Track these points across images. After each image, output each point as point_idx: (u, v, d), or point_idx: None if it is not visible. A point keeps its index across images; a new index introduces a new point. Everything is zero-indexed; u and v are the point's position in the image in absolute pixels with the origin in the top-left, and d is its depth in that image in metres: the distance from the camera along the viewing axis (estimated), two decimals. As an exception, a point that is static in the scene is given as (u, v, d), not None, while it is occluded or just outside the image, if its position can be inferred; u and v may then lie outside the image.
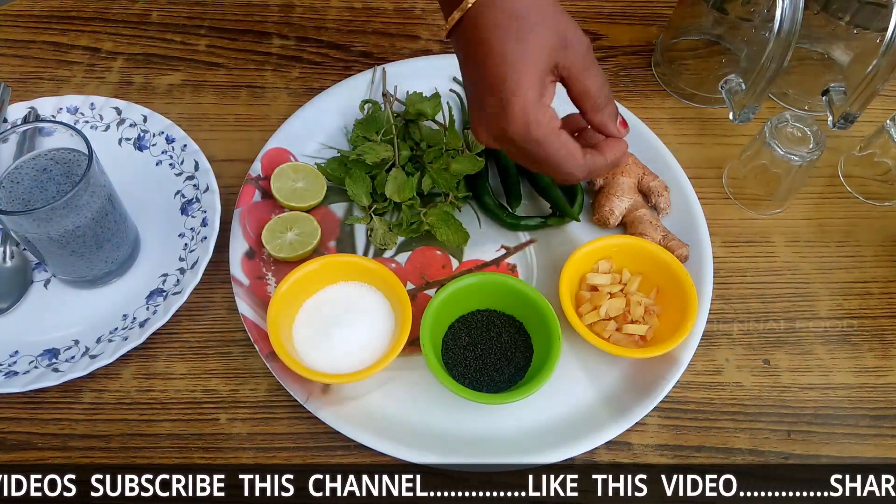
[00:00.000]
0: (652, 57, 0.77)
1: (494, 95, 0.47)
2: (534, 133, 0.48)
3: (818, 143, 0.62)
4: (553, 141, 0.49)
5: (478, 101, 0.50)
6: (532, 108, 0.47)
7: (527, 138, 0.48)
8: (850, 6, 0.64)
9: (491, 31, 0.47)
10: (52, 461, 0.54)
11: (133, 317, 0.58)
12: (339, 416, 0.54)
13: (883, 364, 0.60)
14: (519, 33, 0.46)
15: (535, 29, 0.46)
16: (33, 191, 0.53)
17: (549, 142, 0.49)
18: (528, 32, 0.46)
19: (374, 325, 0.56)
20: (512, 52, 0.46)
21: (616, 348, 0.56)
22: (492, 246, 0.63)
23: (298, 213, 0.62)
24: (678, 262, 0.58)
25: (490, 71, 0.47)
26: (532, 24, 0.46)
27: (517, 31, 0.46)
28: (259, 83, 0.74)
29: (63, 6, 0.79)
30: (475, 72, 0.49)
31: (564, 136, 0.50)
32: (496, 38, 0.46)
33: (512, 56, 0.46)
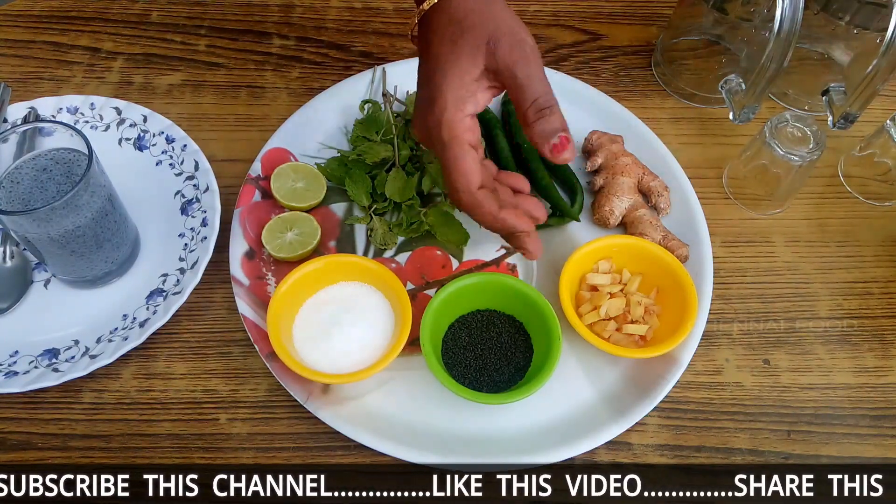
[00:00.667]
0: (652, 57, 0.77)
1: (424, 92, 0.49)
2: (443, 133, 0.48)
3: (818, 143, 0.62)
4: (454, 147, 0.49)
5: (418, 97, 0.52)
6: (449, 108, 0.48)
7: (437, 137, 0.49)
8: (850, 6, 0.64)
9: (433, 34, 0.49)
10: (52, 461, 0.54)
11: (133, 317, 0.58)
12: (339, 416, 0.54)
13: (883, 364, 0.60)
14: (452, 37, 0.48)
15: (465, 34, 0.48)
16: (33, 191, 0.53)
17: (451, 146, 0.49)
18: (458, 36, 0.48)
19: (374, 325, 0.56)
20: (444, 54, 0.48)
21: (616, 348, 0.56)
22: (492, 246, 0.63)
23: (298, 213, 0.62)
24: (678, 262, 0.58)
25: (425, 70, 0.50)
26: (465, 28, 0.48)
27: (451, 35, 0.48)
28: (259, 83, 0.74)
29: (63, 6, 0.79)
30: (420, 71, 0.52)
31: (470, 153, 0.49)
32: (435, 40, 0.49)
33: (443, 58, 0.48)
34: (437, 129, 0.48)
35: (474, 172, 0.49)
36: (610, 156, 0.66)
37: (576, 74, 0.73)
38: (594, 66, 0.77)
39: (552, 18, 0.81)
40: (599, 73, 0.76)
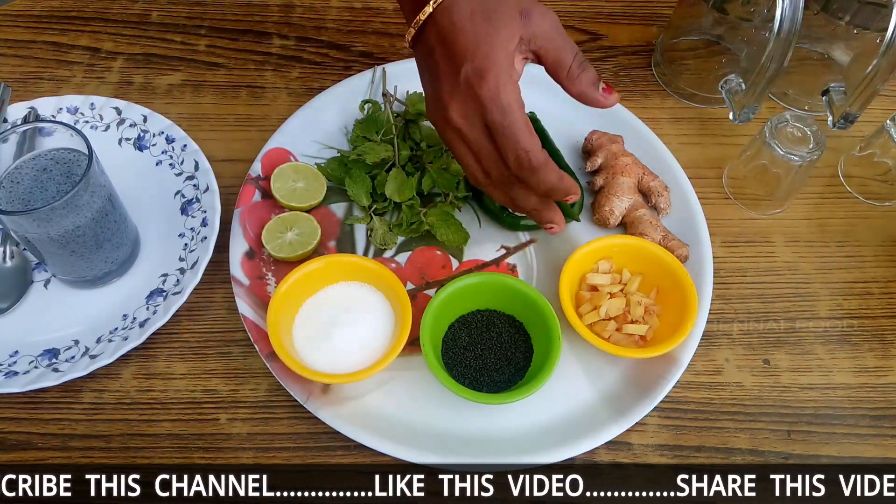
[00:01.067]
0: (652, 57, 0.77)
1: (469, 64, 0.50)
2: (503, 99, 0.50)
3: (818, 143, 0.62)
4: (518, 111, 0.50)
5: (448, 79, 0.51)
6: (503, 75, 0.50)
7: (495, 102, 0.50)
8: (850, 6, 0.64)
9: (462, 17, 0.50)
10: (52, 461, 0.54)
11: (133, 317, 0.58)
12: (339, 416, 0.54)
13: (883, 364, 0.60)
14: (484, 15, 0.50)
15: (498, 9, 0.51)
16: (33, 191, 0.53)
17: (514, 110, 0.50)
18: (491, 13, 0.50)
19: (374, 325, 0.56)
20: (482, 30, 0.50)
21: (616, 348, 0.56)
22: (492, 246, 0.63)
23: (298, 213, 0.62)
24: (678, 262, 0.58)
25: (463, 48, 0.50)
26: (493, 6, 0.51)
27: (482, 13, 0.50)
28: (259, 83, 0.74)
29: (63, 6, 0.79)
30: (446, 55, 0.51)
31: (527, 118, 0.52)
32: (467, 20, 0.50)
33: (483, 33, 0.50)
34: (495, 98, 0.49)
35: (535, 134, 0.51)
36: (610, 156, 0.66)
37: (576, 74, 0.73)
38: (594, 66, 0.76)
39: (552, 18, 0.81)
40: (599, 73, 0.76)
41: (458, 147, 0.53)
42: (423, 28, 0.53)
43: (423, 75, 0.55)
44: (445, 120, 0.52)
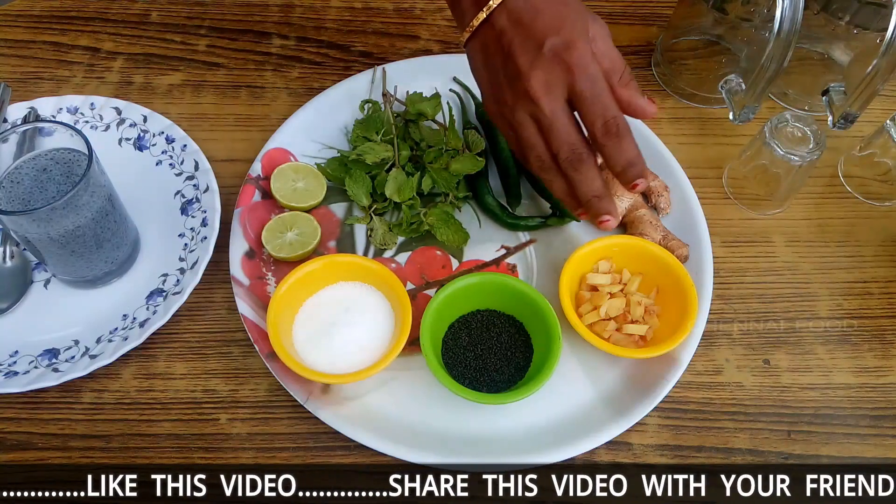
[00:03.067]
0: (652, 57, 0.77)
1: (556, 37, 0.50)
2: (592, 67, 0.50)
3: (818, 143, 0.62)
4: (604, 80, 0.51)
5: (528, 54, 0.51)
6: (589, 47, 0.51)
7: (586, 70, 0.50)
8: (850, 6, 0.64)
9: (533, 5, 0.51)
10: (52, 461, 0.54)
11: (133, 317, 0.58)
12: (339, 416, 0.54)
13: (883, 364, 0.60)
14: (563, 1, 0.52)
15: (571, 1, 0.52)
16: (33, 191, 0.53)
17: (601, 78, 0.51)
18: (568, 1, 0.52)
19: (374, 325, 0.56)
20: (562, 11, 0.51)
21: (616, 348, 0.56)
22: (492, 246, 0.63)
23: (298, 213, 0.62)
24: (678, 262, 0.58)
25: (545, 24, 0.51)
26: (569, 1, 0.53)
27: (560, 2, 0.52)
28: (259, 83, 0.74)
29: (63, 6, 0.79)
30: (524, 34, 0.51)
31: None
32: (544, 2, 0.51)
33: (564, 14, 0.51)
34: (586, 66, 0.50)
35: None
36: (610, 156, 0.65)
37: (576, 74, 0.73)
38: (594, 66, 0.77)
39: (552, 18, 0.81)
40: (599, 73, 0.76)
41: (525, 125, 0.52)
42: (490, 16, 0.53)
43: (487, 64, 0.54)
44: (520, 94, 0.51)
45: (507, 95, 0.53)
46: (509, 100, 0.53)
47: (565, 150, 0.52)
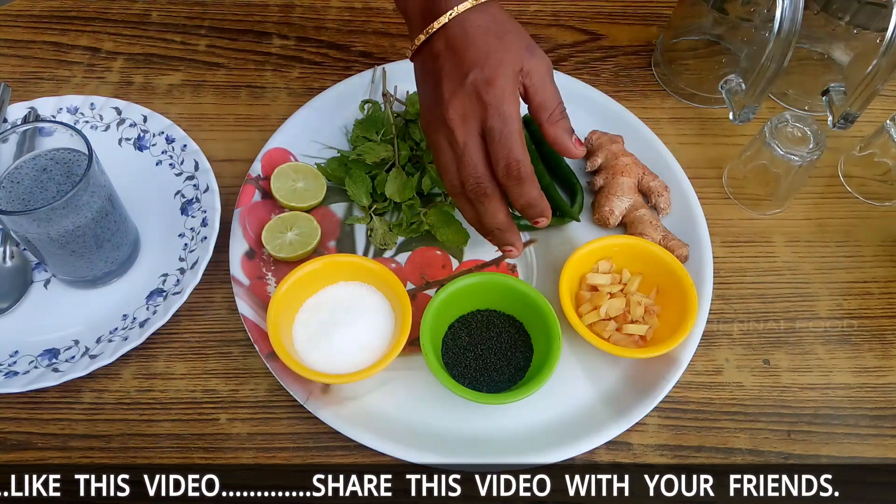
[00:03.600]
0: (652, 57, 0.77)
1: (479, 71, 0.51)
2: (507, 107, 0.51)
3: (818, 143, 0.62)
4: (516, 121, 0.52)
5: (452, 82, 0.52)
6: (509, 86, 0.52)
7: (499, 109, 0.51)
8: (850, 6, 0.64)
9: (475, 31, 0.53)
10: (52, 461, 0.54)
11: (133, 317, 0.58)
12: (339, 416, 0.54)
13: (883, 364, 0.60)
14: (497, 34, 0.53)
15: (508, 34, 0.53)
16: (33, 191, 0.53)
17: (514, 120, 0.52)
18: (504, 34, 0.53)
19: (374, 325, 0.56)
20: (493, 46, 0.52)
21: (616, 348, 0.56)
22: (492, 246, 0.63)
23: (298, 213, 0.62)
24: (678, 262, 0.58)
25: (473, 56, 0.52)
26: (507, 30, 0.53)
27: (495, 32, 0.53)
28: (259, 83, 0.74)
29: (63, 6, 0.79)
30: (454, 61, 0.53)
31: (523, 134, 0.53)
32: (480, 34, 0.53)
33: (494, 48, 0.52)
34: (500, 105, 0.51)
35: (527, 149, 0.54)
36: (610, 156, 0.66)
37: (576, 74, 0.73)
38: (594, 66, 0.77)
39: (552, 18, 0.81)
40: (599, 73, 0.76)
41: (443, 149, 0.54)
42: (430, 38, 0.54)
43: (424, 82, 0.56)
44: (440, 119, 0.53)
45: (431, 116, 0.54)
46: (432, 121, 0.54)
47: (471, 183, 0.53)
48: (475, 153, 0.53)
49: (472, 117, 0.52)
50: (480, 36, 0.52)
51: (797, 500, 0.54)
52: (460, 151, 0.53)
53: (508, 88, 0.51)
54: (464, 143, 0.52)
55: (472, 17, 0.53)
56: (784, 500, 0.54)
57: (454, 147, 0.53)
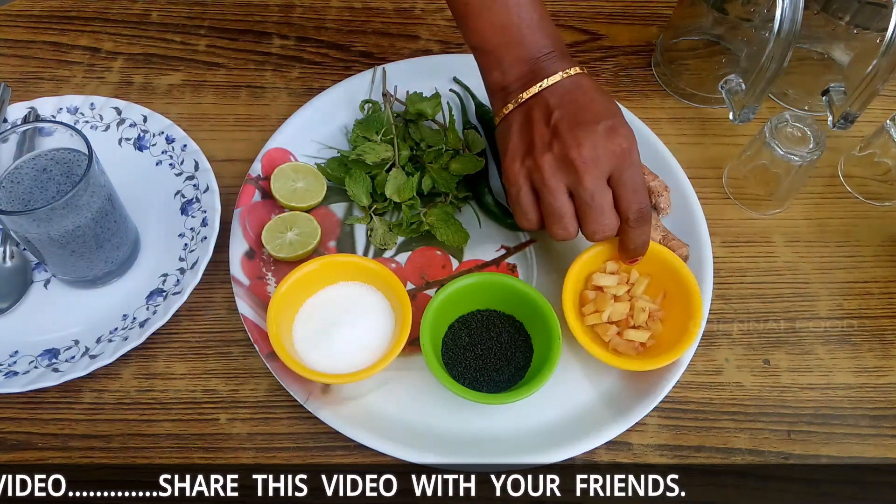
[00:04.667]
0: (652, 57, 0.77)
1: (607, 121, 0.52)
2: (635, 155, 0.52)
3: (818, 143, 0.62)
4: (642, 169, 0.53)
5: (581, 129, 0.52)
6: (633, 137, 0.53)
7: (631, 157, 0.52)
8: (850, 6, 0.64)
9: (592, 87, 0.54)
10: (52, 461, 0.54)
11: (133, 317, 0.58)
12: (339, 416, 0.54)
13: (883, 364, 0.60)
14: (608, 96, 0.55)
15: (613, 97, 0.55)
16: (33, 191, 0.53)
17: (640, 169, 0.53)
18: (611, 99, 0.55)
19: (374, 325, 0.56)
20: (610, 103, 0.54)
21: (617, 359, 0.55)
22: (492, 246, 0.63)
23: (298, 213, 0.62)
24: (683, 263, 0.58)
25: (598, 108, 0.53)
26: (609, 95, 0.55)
27: (607, 94, 0.55)
28: (259, 83, 0.74)
29: (63, 6, 0.79)
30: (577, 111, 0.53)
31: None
32: (598, 93, 0.54)
33: (612, 104, 0.54)
34: (629, 148, 0.52)
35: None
36: (610, 156, 0.65)
37: (576, 74, 0.73)
38: (594, 66, 0.77)
39: (552, 18, 0.80)
40: (599, 73, 0.76)
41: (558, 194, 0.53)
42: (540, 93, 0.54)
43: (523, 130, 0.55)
44: (565, 163, 0.52)
45: (544, 161, 0.52)
46: (545, 165, 0.52)
47: (597, 233, 0.53)
48: (606, 201, 0.52)
49: (604, 164, 0.51)
50: (598, 95, 0.54)
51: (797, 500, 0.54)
52: (588, 199, 0.52)
53: (634, 140, 0.52)
54: (593, 190, 0.52)
55: (584, 80, 0.54)
56: (784, 500, 0.54)
57: (580, 193, 0.52)
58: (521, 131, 0.54)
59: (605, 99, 0.54)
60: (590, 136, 0.51)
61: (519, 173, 0.54)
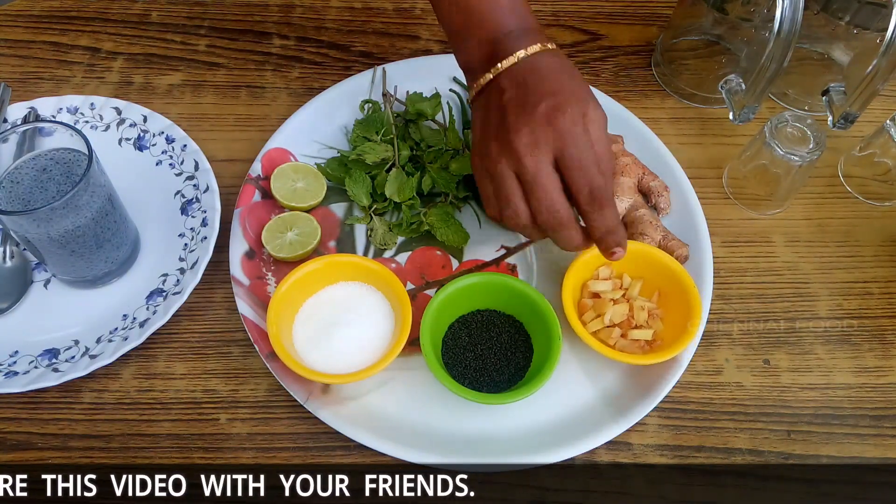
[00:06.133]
0: (652, 57, 0.77)
1: (550, 99, 0.50)
2: (582, 135, 0.50)
3: (818, 143, 0.62)
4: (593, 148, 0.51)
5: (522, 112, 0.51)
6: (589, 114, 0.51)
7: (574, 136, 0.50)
8: (850, 6, 0.64)
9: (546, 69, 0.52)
10: (52, 461, 0.54)
11: (133, 317, 0.58)
12: (339, 416, 0.54)
13: (883, 364, 0.60)
14: (569, 74, 0.53)
15: (577, 77, 0.53)
16: (33, 191, 0.53)
17: (591, 145, 0.50)
18: (574, 76, 0.53)
19: (374, 325, 0.56)
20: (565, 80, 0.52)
21: (625, 355, 0.55)
22: (492, 246, 0.63)
23: (298, 213, 0.62)
24: (677, 263, 0.58)
25: (545, 88, 0.51)
26: (575, 74, 0.54)
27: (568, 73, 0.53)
28: (259, 83, 0.74)
29: (63, 6, 0.79)
30: (523, 95, 0.51)
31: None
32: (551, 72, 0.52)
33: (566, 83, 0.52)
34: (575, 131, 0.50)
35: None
36: (610, 156, 0.66)
37: (576, 74, 0.73)
38: (594, 66, 0.77)
39: (552, 18, 0.81)
40: (599, 73, 0.76)
41: (506, 180, 0.51)
42: (497, 77, 0.53)
43: (485, 118, 0.54)
44: (507, 149, 0.51)
45: (492, 148, 0.52)
46: (494, 152, 0.52)
47: (544, 214, 0.51)
48: (549, 181, 0.50)
49: (543, 145, 0.50)
50: (552, 73, 0.52)
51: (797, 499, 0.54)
52: (530, 180, 0.50)
53: (581, 119, 0.50)
54: (535, 172, 0.50)
55: (542, 58, 0.53)
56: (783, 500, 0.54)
57: (523, 176, 0.51)
58: (481, 119, 0.54)
59: (559, 77, 0.52)
60: (529, 119, 0.50)
61: (477, 165, 0.54)
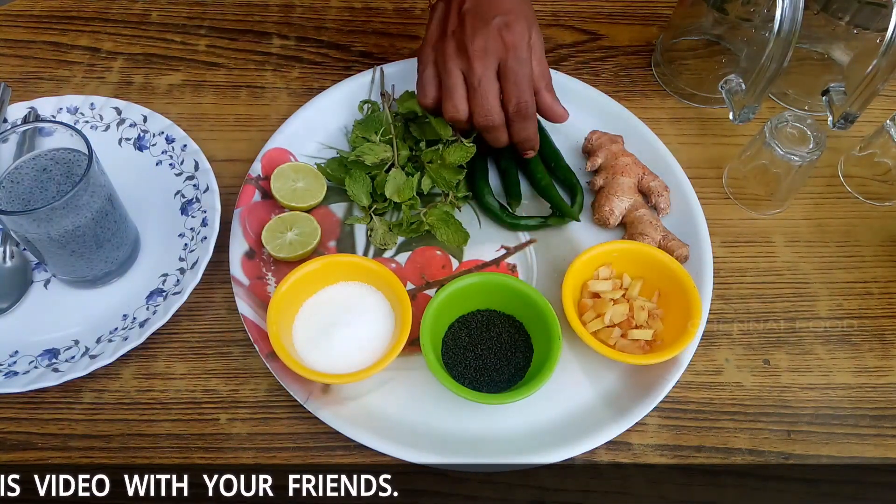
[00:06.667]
0: (652, 57, 0.77)
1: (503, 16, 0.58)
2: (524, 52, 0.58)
3: (818, 143, 0.62)
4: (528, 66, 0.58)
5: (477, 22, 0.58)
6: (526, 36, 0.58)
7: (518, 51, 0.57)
8: (850, 6, 0.64)
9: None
10: (52, 461, 0.54)
11: (133, 317, 0.58)
12: (339, 416, 0.54)
13: (883, 364, 0.60)
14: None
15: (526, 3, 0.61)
16: (33, 191, 0.53)
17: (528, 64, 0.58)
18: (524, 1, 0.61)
19: (374, 325, 0.56)
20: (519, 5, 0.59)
21: (625, 356, 0.55)
22: (492, 246, 0.63)
23: (298, 213, 0.62)
24: (677, 263, 0.58)
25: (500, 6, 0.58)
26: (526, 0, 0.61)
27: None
28: (259, 83, 0.74)
29: (63, 6, 0.79)
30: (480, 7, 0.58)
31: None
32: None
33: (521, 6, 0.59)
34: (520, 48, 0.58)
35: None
36: (610, 156, 0.66)
37: (576, 74, 0.73)
38: (594, 66, 0.77)
39: (552, 18, 0.81)
40: (599, 73, 0.76)
41: (454, 76, 0.58)
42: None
43: (440, 19, 0.61)
44: (461, 51, 0.58)
45: (448, 45, 0.59)
46: (448, 49, 0.59)
47: (481, 114, 0.59)
48: (491, 88, 0.58)
49: (492, 54, 0.57)
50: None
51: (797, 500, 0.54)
52: (475, 83, 0.58)
53: (527, 37, 0.58)
54: (481, 75, 0.57)
55: None
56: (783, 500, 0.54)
57: (469, 77, 0.58)
58: (440, 19, 0.61)
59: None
60: (484, 28, 0.57)
61: (428, 55, 0.61)
